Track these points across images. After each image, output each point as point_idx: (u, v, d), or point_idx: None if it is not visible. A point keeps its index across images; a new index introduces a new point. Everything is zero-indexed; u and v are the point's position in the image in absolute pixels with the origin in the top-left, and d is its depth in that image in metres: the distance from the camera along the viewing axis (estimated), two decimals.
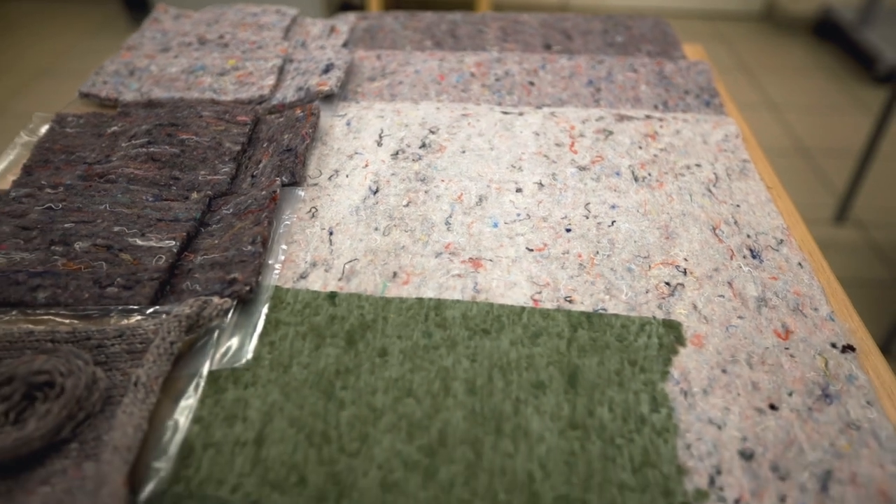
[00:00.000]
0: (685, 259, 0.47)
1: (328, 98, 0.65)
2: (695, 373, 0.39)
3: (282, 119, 0.59)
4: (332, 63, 0.68)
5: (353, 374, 0.39)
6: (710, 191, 0.54)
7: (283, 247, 0.47)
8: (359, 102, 0.65)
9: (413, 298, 0.43)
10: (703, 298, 0.44)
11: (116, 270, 0.44)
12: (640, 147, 0.59)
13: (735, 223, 0.51)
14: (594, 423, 0.36)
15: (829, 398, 0.38)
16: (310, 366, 0.39)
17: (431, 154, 0.57)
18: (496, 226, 0.50)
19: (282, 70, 0.69)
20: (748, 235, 0.50)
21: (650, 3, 2.64)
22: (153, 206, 0.50)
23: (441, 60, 0.73)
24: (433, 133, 0.60)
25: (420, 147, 0.58)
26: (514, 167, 0.56)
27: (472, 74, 0.70)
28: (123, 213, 0.49)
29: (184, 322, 0.39)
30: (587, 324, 0.42)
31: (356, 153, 0.57)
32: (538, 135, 0.60)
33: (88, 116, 0.61)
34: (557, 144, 0.59)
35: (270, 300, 0.43)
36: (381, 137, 0.59)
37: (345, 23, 0.80)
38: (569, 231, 0.50)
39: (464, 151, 0.58)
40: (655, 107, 0.66)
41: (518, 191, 0.53)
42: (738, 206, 0.53)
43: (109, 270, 0.44)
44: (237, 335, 0.41)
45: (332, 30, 0.78)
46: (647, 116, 0.63)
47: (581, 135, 0.61)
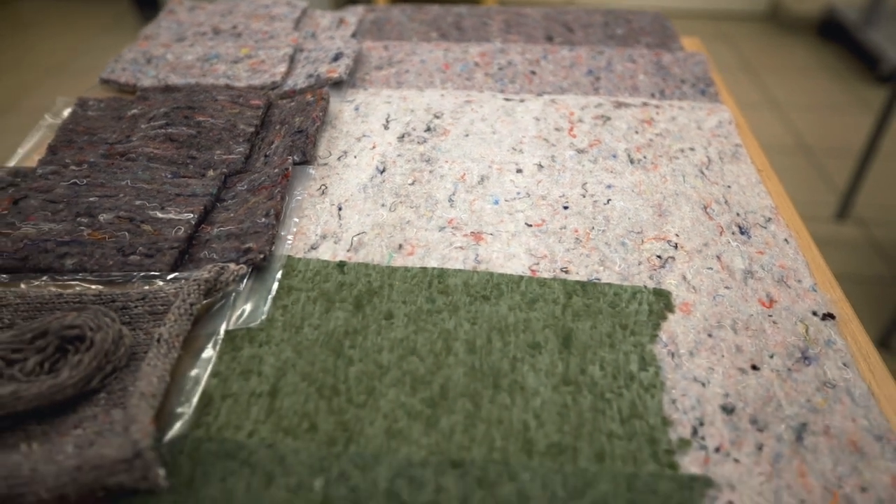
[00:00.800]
0: (676, 235, 0.50)
1: (337, 85, 0.68)
2: (682, 336, 0.42)
3: (293, 103, 0.62)
4: (342, 52, 0.71)
5: (361, 335, 0.41)
6: (703, 173, 0.56)
7: (296, 220, 0.50)
8: (366, 89, 0.68)
9: (417, 268, 0.46)
10: (693, 270, 0.47)
11: (138, 240, 0.47)
12: (637, 132, 0.61)
13: (725, 202, 0.53)
14: (586, 380, 0.39)
15: (808, 360, 0.41)
16: (320, 327, 0.42)
17: (436, 137, 0.60)
18: (497, 203, 0.52)
19: (292, 59, 0.71)
20: (738, 214, 0.52)
21: (653, 3, 2.66)
22: (172, 183, 0.52)
23: (446, 51, 0.75)
24: (438, 118, 0.63)
25: (425, 130, 0.61)
26: (515, 150, 0.59)
27: (476, 64, 0.73)
28: (144, 189, 0.51)
29: (202, 286, 0.42)
30: (581, 291, 0.44)
31: (364, 136, 0.60)
32: (538, 120, 0.63)
33: (109, 101, 0.63)
34: (557, 129, 0.62)
35: (283, 268, 0.46)
36: (388, 122, 0.62)
37: (353, 15, 0.83)
38: (566, 208, 0.52)
39: (467, 135, 0.60)
40: (652, 95, 0.68)
41: (518, 171, 0.56)
42: (730, 187, 0.55)
43: (132, 240, 0.47)
44: (252, 300, 0.44)
45: (341, 21, 0.81)
46: (644, 104, 0.66)
47: (580, 120, 0.63)
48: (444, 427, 0.36)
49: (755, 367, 0.40)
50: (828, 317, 0.44)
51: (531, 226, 0.50)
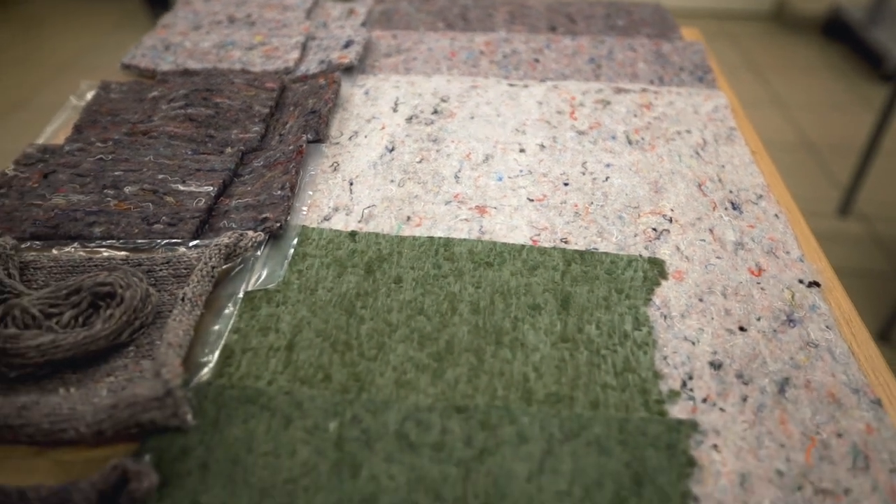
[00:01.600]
0: (671, 210, 0.52)
1: (348, 70, 0.70)
2: (674, 300, 0.44)
3: (306, 87, 0.65)
4: (352, 39, 0.73)
5: (372, 297, 0.44)
6: (698, 153, 0.59)
7: (310, 192, 0.53)
8: (376, 75, 0.71)
9: (425, 237, 0.49)
10: (686, 242, 0.49)
11: (162, 210, 0.50)
12: (636, 115, 0.64)
13: (719, 180, 0.56)
14: (583, 338, 0.41)
15: (793, 323, 0.43)
16: (333, 289, 0.44)
17: (443, 119, 0.63)
18: (500, 179, 0.55)
19: (304, 46, 0.74)
20: (730, 191, 0.55)
21: (659, 2, 2.68)
22: (192, 159, 0.55)
23: (452, 40, 0.78)
24: (444, 101, 0.65)
25: (432, 113, 0.64)
26: (519, 131, 0.61)
27: (482, 52, 0.76)
28: (166, 164, 0.54)
29: (223, 250, 0.45)
30: (580, 259, 0.47)
31: (374, 118, 0.63)
32: (541, 104, 0.65)
33: (130, 84, 0.66)
34: (559, 112, 0.64)
35: (298, 237, 0.49)
36: (397, 105, 0.65)
37: (363, 5, 0.85)
38: (566, 185, 0.55)
39: (472, 117, 0.63)
40: (651, 81, 0.70)
41: (521, 151, 0.59)
42: (723, 167, 0.57)
43: (155, 210, 0.50)
44: (269, 265, 0.46)
45: (351, 12, 0.84)
46: (644, 89, 0.68)
47: (581, 104, 0.66)
48: (450, 378, 0.39)
49: (742, 329, 0.42)
50: (813, 284, 0.46)
51: (533, 200, 0.53)
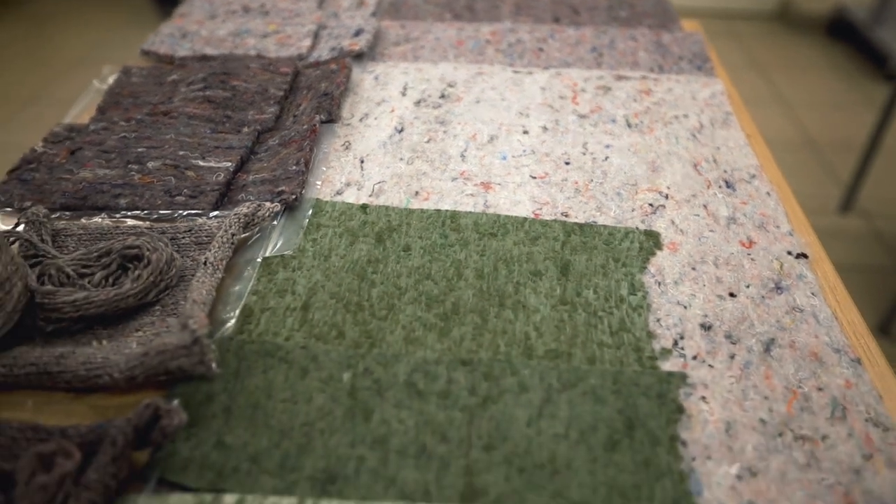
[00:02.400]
0: (668, 187, 0.55)
1: (358, 57, 0.73)
2: (668, 269, 0.47)
3: (318, 72, 0.68)
4: (362, 28, 0.76)
5: (382, 263, 0.47)
6: (695, 136, 0.61)
7: (323, 168, 0.55)
8: (385, 62, 0.73)
9: (432, 210, 0.51)
10: (681, 216, 0.52)
11: (183, 184, 0.53)
12: (635, 100, 0.66)
13: (714, 161, 0.58)
14: (581, 301, 0.44)
15: (781, 290, 0.45)
16: (346, 256, 0.47)
17: (450, 103, 0.65)
18: (505, 158, 0.58)
19: (316, 35, 0.77)
20: (725, 171, 0.57)
21: None
22: (211, 137, 0.58)
23: (459, 29, 0.81)
24: (451, 87, 0.68)
25: (440, 97, 0.66)
26: (522, 114, 0.64)
27: (488, 41, 0.78)
28: (186, 141, 0.57)
29: (242, 219, 0.48)
30: (579, 231, 0.49)
31: (383, 101, 0.66)
32: (545, 90, 0.68)
33: (150, 68, 0.69)
34: (561, 97, 0.67)
35: (312, 209, 0.51)
36: (406, 89, 0.67)
37: None
38: (567, 164, 0.57)
39: (478, 101, 0.66)
40: (651, 69, 0.73)
41: (525, 133, 0.61)
42: (719, 149, 0.60)
43: (177, 183, 0.53)
44: (285, 234, 0.49)
45: (361, 3, 0.86)
46: (643, 77, 0.71)
47: (583, 90, 0.68)
48: (456, 336, 0.41)
49: (732, 295, 0.45)
50: (801, 256, 0.48)
51: (535, 178, 0.55)
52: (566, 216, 0.51)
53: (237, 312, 0.43)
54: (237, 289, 0.44)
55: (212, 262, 0.44)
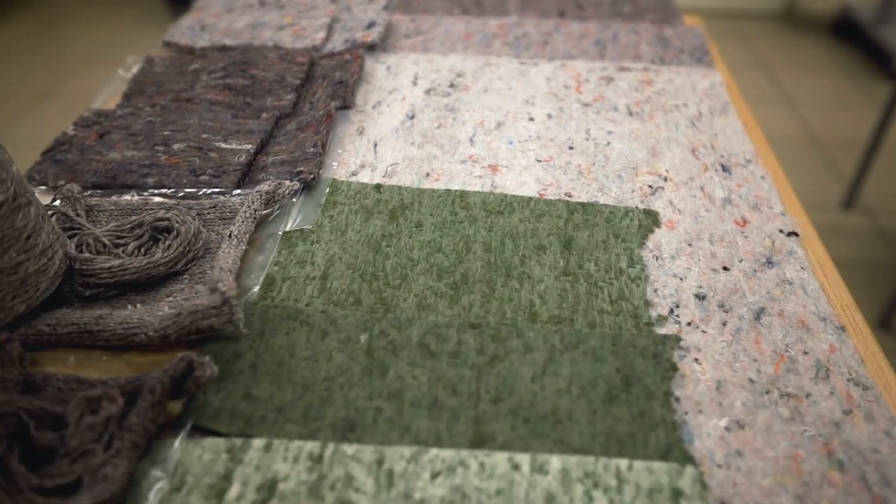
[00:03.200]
0: (666, 171, 0.57)
1: (370, 49, 0.76)
2: (666, 245, 0.49)
3: (333, 62, 0.71)
4: (374, 21, 0.79)
5: (395, 238, 0.49)
6: (694, 124, 0.64)
7: (339, 151, 0.58)
8: (396, 53, 0.76)
9: (442, 189, 0.54)
10: (679, 197, 0.54)
11: (207, 164, 0.56)
12: (637, 90, 0.69)
13: (712, 147, 0.61)
14: (583, 272, 0.47)
15: (772, 264, 0.48)
16: (361, 231, 0.50)
17: (458, 92, 0.68)
18: (511, 143, 0.60)
19: (330, 27, 0.80)
20: (721, 156, 0.60)
21: None
22: (232, 122, 0.61)
23: (467, 23, 0.83)
24: (460, 76, 0.71)
25: (449, 87, 0.69)
26: (528, 102, 0.67)
27: (495, 35, 0.81)
28: (209, 126, 0.60)
29: (263, 196, 0.51)
30: (582, 210, 0.52)
31: (395, 90, 0.68)
32: (549, 80, 0.71)
33: (172, 58, 0.72)
34: (565, 87, 0.70)
35: (329, 188, 0.54)
36: (416, 79, 0.70)
37: None
38: (571, 149, 0.60)
39: (486, 90, 0.69)
40: (653, 61, 0.76)
41: (530, 119, 0.64)
42: (716, 136, 0.63)
43: (201, 164, 0.56)
44: (303, 211, 0.52)
45: None
46: (645, 68, 0.74)
47: (586, 80, 0.71)
48: (465, 303, 0.44)
49: (726, 268, 0.48)
50: (792, 234, 0.51)
51: (540, 161, 0.58)
52: (569, 196, 0.54)
53: (261, 280, 0.46)
54: (260, 259, 0.47)
55: (236, 235, 0.47)
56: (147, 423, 0.35)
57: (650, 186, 0.55)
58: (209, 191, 0.53)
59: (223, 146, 0.57)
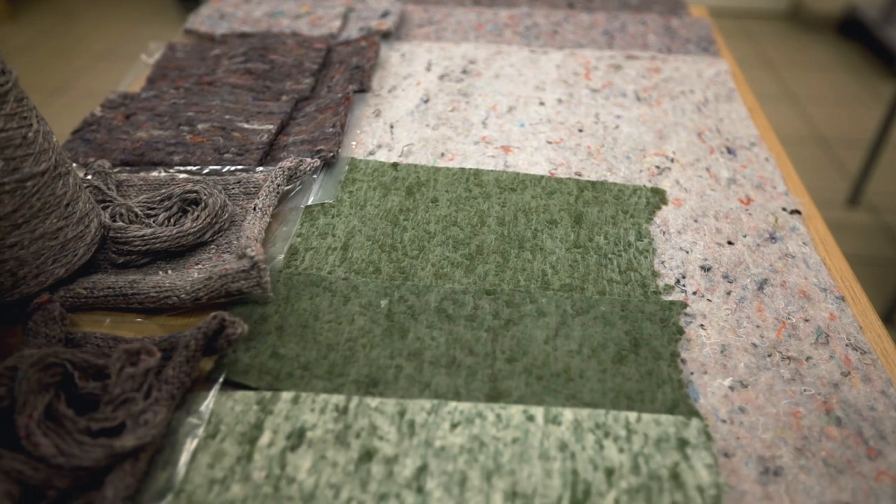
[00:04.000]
0: (673, 153, 0.59)
1: (385, 37, 0.78)
2: (672, 221, 0.51)
3: (349, 48, 0.73)
4: (389, 10, 0.81)
5: (413, 212, 0.52)
6: (700, 109, 0.66)
7: (358, 131, 0.60)
8: (410, 42, 0.78)
9: (457, 168, 0.56)
10: (685, 177, 0.56)
11: (230, 143, 0.58)
12: (644, 77, 0.71)
13: (717, 131, 0.63)
14: (593, 245, 0.49)
15: (775, 239, 0.50)
16: (380, 206, 0.52)
17: (471, 78, 0.70)
18: (523, 126, 0.62)
19: (346, 17, 0.82)
20: (727, 139, 0.62)
21: None
22: (253, 104, 0.63)
23: (479, 14, 0.86)
24: (472, 63, 0.73)
25: (462, 73, 0.71)
26: (539, 88, 0.69)
27: (506, 24, 0.83)
28: (231, 107, 0.62)
29: (286, 172, 0.53)
30: (591, 188, 0.54)
31: (410, 76, 0.71)
32: (559, 67, 0.73)
33: (193, 45, 0.75)
34: (575, 74, 0.72)
35: (348, 166, 0.56)
36: (430, 65, 0.72)
37: None
38: (581, 132, 0.62)
39: (497, 77, 0.71)
40: (660, 51, 0.77)
41: (541, 104, 0.66)
42: (722, 120, 0.64)
43: (225, 143, 0.58)
44: (324, 187, 0.54)
45: None
46: (653, 57, 0.75)
47: (595, 68, 0.73)
48: (480, 272, 0.46)
49: (730, 243, 0.49)
50: (795, 212, 0.53)
51: (551, 143, 0.60)
52: (579, 175, 0.56)
53: (285, 250, 0.48)
54: (284, 230, 0.49)
55: (261, 208, 0.49)
56: (182, 376, 0.37)
57: (657, 167, 0.57)
58: (233, 168, 0.56)
59: (245, 126, 0.60)
